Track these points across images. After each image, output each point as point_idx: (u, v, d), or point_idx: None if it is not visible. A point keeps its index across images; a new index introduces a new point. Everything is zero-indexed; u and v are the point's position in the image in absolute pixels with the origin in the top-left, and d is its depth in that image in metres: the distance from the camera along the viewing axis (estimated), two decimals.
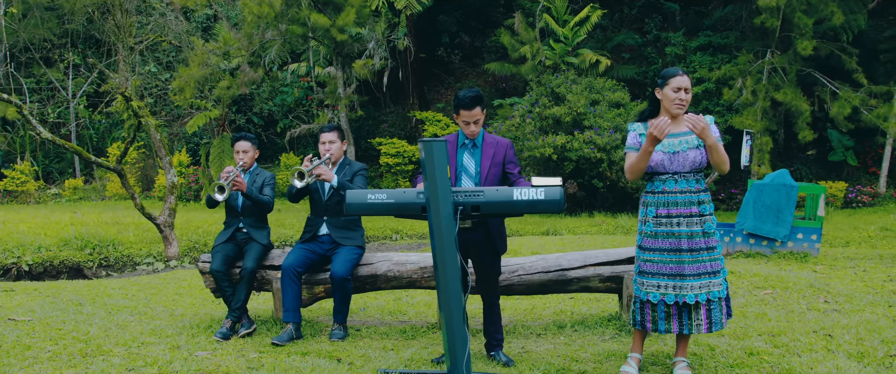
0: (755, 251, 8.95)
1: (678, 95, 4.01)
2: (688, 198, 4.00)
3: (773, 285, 6.83)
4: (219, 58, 17.26)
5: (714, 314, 4.00)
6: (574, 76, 16.74)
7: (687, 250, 3.97)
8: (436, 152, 3.58)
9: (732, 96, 15.09)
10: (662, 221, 4.02)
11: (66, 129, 19.76)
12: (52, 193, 19.11)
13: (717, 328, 4.01)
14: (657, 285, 4.01)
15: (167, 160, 10.38)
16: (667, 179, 4.03)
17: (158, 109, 20.35)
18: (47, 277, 11.45)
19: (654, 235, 4.04)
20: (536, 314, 5.87)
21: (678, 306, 3.99)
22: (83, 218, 15.01)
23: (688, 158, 3.99)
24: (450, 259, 3.72)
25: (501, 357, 4.41)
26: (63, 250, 11.93)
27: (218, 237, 5.45)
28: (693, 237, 3.98)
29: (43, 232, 12.88)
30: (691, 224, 3.98)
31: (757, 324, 5.31)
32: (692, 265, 3.96)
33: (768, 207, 8.86)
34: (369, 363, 4.40)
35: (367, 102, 20.94)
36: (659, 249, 4.02)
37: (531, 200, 3.76)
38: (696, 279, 3.96)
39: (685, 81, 4.01)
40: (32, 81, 19.90)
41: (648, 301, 4.04)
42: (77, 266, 11.81)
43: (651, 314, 4.05)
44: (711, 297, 3.98)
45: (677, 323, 4.01)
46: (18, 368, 4.32)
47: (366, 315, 5.99)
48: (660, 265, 4.01)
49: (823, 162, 17.30)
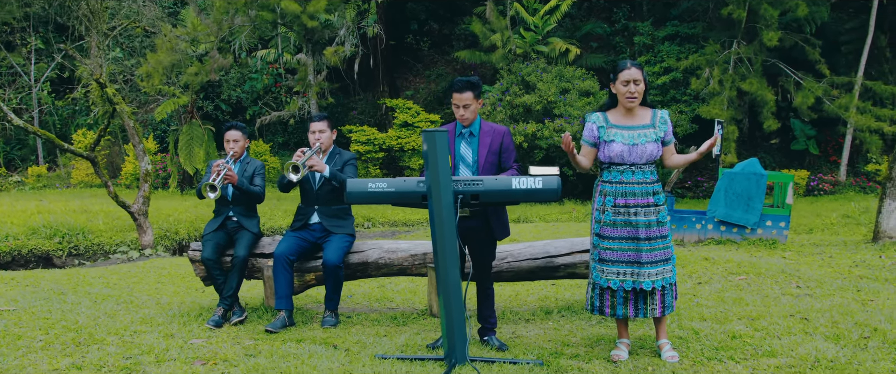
0: (726, 238, 9.20)
1: (627, 88, 4.15)
2: (644, 189, 4.17)
3: (747, 272, 7.05)
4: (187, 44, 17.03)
5: (667, 298, 4.20)
6: (544, 65, 16.89)
7: (644, 239, 4.13)
8: (438, 142, 3.65)
9: (699, 86, 15.37)
10: (621, 210, 4.17)
11: (28, 115, 19.35)
12: (14, 180, 18.74)
13: (669, 312, 4.22)
14: (617, 272, 4.17)
15: (141, 148, 10.27)
16: (624, 169, 4.17)
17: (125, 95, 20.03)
18: (16, 266, 11.27)
19: (613, 223, 4.18)
20: (521, 300, 6.00)
21: (635, 292, 4.16)
22: (50, 206, 14.76)
23: (646, 150, 4.14)
24: (450, 247, 3.80)
25: (494, 342, 4.52)
26: (31, 239, 11.74)
27: (208, 226, 5.46)
28: (650, 226, 4.14)
29: (9, 220, 12.64)
30: (648, 214, 4.15)
31: (736, 308, 5.50)
32: (649, 253, 4.13)
33: (739, 195, 9.10)
34: (365, 350, 4.47)
35: (337, 90, 20.86)
36: (618, 237, 4.17)
37: (529, 188, 3.86)
38: (652, 266, 4.13)
39: (633, 73, 4.14)
40: None
41: (608, 287, 4.19)
42: (46, 255, 11.64)
43: (610, 300, 4.20)
44: (665, 283, 4.16)
45: (633, 308, 4.19)
46: (13, 358, 4.30)
47: (354, 302, 6.05)
48: (619, 253, 4.17)
49: (786, 151, 17.74)
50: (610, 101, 4.33)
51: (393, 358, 4.22)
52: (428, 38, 23.54)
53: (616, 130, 4.20)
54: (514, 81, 16.76)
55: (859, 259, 7.85)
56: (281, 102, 20.35)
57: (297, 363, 4.17)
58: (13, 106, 19.15)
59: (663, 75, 16.82)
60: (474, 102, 4.42)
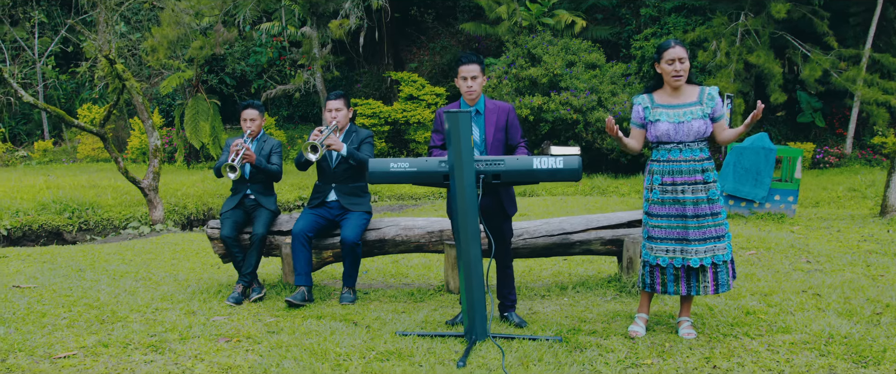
0: (734, 212, 9.25)
1: (673, 67, 4.17)
2: (692, 166, 4.19)
3: (757, 246, 7.11)
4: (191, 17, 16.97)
5: (720, 276, 4.22)
6: (550, 37, 16.83)
7: (692, 216, 4.16)
8: (461, 122, 3.68)
9: (706, 58, 15.33)
10: (668, 188, 4.21)
11: (32, 90, 19.33)
12: (20, 155, 18.78)
13: (724, 290, 4.23)
14: (665, 250, 4.22)
15: (150, 123, 10.29)
16: (671, 148, 4.20)
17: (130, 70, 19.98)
18: (27, 241, 11.36)
19: (660, 202, 4.23)
20: (536, 276, 6.06)
21: (685, 269, 4.20)
22: (58, 181, 14.83)
23: (692, 127, 4.16)
24: (472, 226, 3.85)
25: (514, 318, 4.59)
26: (41, 214, 11.82)
27: (225, 204, 5.51)
28: (698, 204, 4.17)
29: (18, 196, 12.71)
30: (696, 191, 4.17)
31: (748, 284, 5.56)
32: (697, 231, 4.16)
33: (747, 169, 9.13)
34: (386, 327, 4.54)
35: (342, 63, 20.81)
36: (666, 215, 4.21)
37: (551, 168, 3.90)
38: (700, 244, 4.16)
39: (678, 52, 4.15)
40: None
41: (658, 265, 4.24)
42: (57, 230, 11.73)
43: (661, 277, 4.25)
44: (716, 260, 4.19)
45: (685, 285, 4.22)
46: (40, 335, 4.37)
47: (369, 278, 6.12)
48: (667, 230, 4.21)
49: (792, 123, 17.73)
50: (655, 82, 4.34)
51: (414, 335, 4.29)
52: (432, 11, 23.42)
53: (661, 110, 4.22)
54: (519, 53, 16.72)
55: (867, 234, 7.90)
56: (286, 76, 20.31)
57: (319, 339, 4.24)
58: (18, 81, 19.12)
59: None
60: (481, 75, 4.45)
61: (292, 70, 19.80)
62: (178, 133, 17.69)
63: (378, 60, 21.85)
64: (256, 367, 3.84)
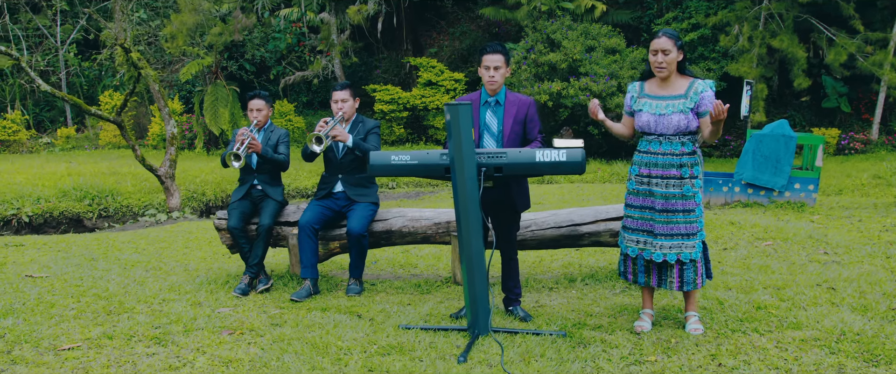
0: (753, 201, 9.10)
1: (656, 58, 4.09)
2: (668, 160, 4.11)
3: (774, 237, 6.98)
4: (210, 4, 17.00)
5: (686, 273, 4.15)
6: (570, 22, 16.64)
7: (660, 211, 4.11)
8: (461, 115, 3.62)
9: (728, 43, 15.07)
10: (643, 179, 4.17)
11: (55, 77, 19.52)
12: (43, 142, 19.00)
13: (689, 288, 4.17)
14: (636, 241, 4.21)
15: (167, 111, 10.33)
16: (653, 139, 4.15)
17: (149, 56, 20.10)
18: (48, 228, 11.50)
19: (635, 192, 4.22)
20: (545, 267, 6.00)
21: (654, 262, 4.15)
22: (79, 168, 14.99)
23: (672, 121, 4.07)
24: (473, 219, 3.80)
25: (519, 312, 4.54)
26: (62, 201, 11.95)
27: (233, 195, 5.50)
28: (668, 199, 4.10)
29: (40, 183, 12.87)
30: (669, 186, 4.10)
31: (761, 277, 5.45)
32: (663, 226, 4.10)
33: (767, 157, 8.97)
34: (390, 319, 4.51)
35: (360, 49, 20.76)
36: (638, 206, 4.20)
37: (553, 161, 3.83)
38: (666, 239, 4.11)
39: (661, 43, 4.06)
40: (19, 27, 19.56)
41: (628, 255, 4.20)
42: (77, 217, 11.85)
43: (632, 267, 4.25)
44: (682, 258, 4.11)
45: (656, 277, 4.21)
46: (47, 326, 4.40)
47: (378, 269, 6.10)
48: (639, 222, 4.21)
49: (817, 109, 17.41)
50: (648, 68, 4.26)
51: (417, 328, 4.26)
52: None
53: (646, 100, 4.16)
54: (538, 38, 16.55)
55: (889, 223, 7.73)
56: (305, 62, 20.30)
57: (322, 332, 4.23)
58: (41, 68, 19.31)
59: (691, 32, 16.49)
60: (504, 65, 4.40)
61: (311, 56, 19.79)
62: (198, 120, 17.78)
63: (397, 46, 21.77)
64: (257, 361, 3.83)
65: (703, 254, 4.22)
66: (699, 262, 4.18)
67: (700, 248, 4.16)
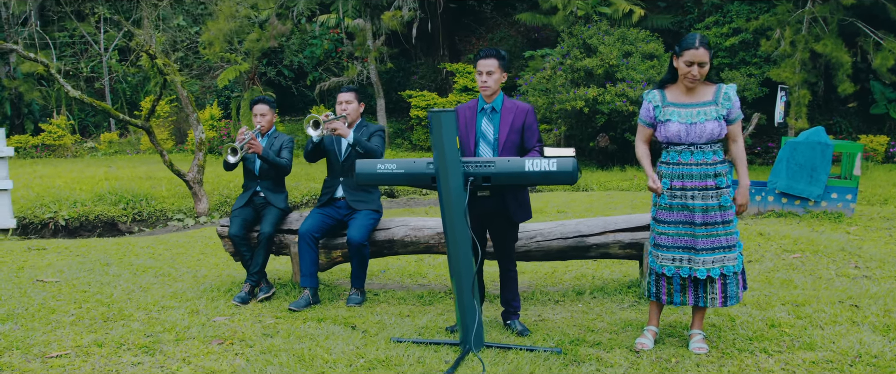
0: (787, 211, 8.76)
1: (690, 69, 3.85)
2: (703, 170, 3.89)
3: (803, 249, 6.68)
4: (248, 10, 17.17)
5: (729, 288, 3.92)
6: (606, 27, 16.36)
7: (701, 224, 3.88)
8: (444, 123, 3.49)
9: (769, 48, 14.61)
10: (677, 193, 3.93)
11: (99, 83, 19.96)
12: (88, 146, 19.42)
13: (733, 302, 3.94)
14: (672, 259, 3.95)
15: (195, 117, 10.41)
16: (682, 150, 3.91)
17: (190, 62, 20.42)
18: (83, 231, 11.69)
19: (668, 208, 3.95)
20: (557, 279, 5.82)
21: (692, 280, 3.92)
22: (117, 172, 15.24)
23: (705, 129, 3.86)
24: (460, 230, 3.66)
25: (517, 326, 4.38)
26: (97, 205, 12.14)
27: (236, 201, 5.46)
28: (708, 211, 3.88)
29: (78, 187, 13.10)
30: (707, 197, 3.88)
31: (781, 292, 5.19)
32: (705, 240, 3.88)
33: (802, 165, 8.62)
34: (383, 331, 4.40)
35: (397, 54, 20.76)
36: (673, 222, 3.94)
37: (543, 171, 3.67)
38: (709, 254, 3.88)
39: (700, 55, 3.81)
40: (65, 35, 20.04)
41: (663, 274, 3.98)
42: (112, 221, 12.02)
43: (667, 287, 3.99)
44: (726, 271, 3.89)
45: (693, 296, 3.95)
46: (41, 332, 4.40)
47: (386, 277, 5.99)
48: (675, 238, 3.94)
49: (865, 115, 16.78)
50: (669, 75, 4.03)
51: (408, 342, 4.13)
52: (491, 1, 23.11)
53: (672, 109, 3.94)
54: (575, 43, 16.31)
55: None
56: (342, 68, 20.37)
57: (311, 344, 4.13)
58: (86, 75, 19.77)
59: (732, 36, 16.06)
60: (499, 71, 4.26)
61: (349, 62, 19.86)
62: (235, 125, 17.96)
63: (434, 52, 21.72)
64: (239, 372, 3.75)
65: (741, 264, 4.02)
66: (740, 274, 3.98)
67: (741, 259, 3.97)
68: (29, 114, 19.97)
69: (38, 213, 11.67)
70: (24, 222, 11.42)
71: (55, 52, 19.77)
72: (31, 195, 12.27)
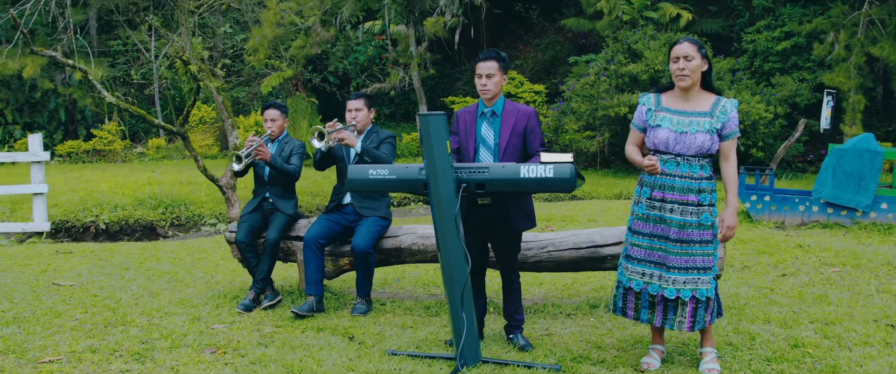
0: (833, 222, 8.32)
1: (677, 65, 3.65)
2: (686, 184, 3.65)
3: (844, 262, 6.30)
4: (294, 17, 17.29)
5: (699, 312, 3.66)
6: (653, 32, 15.97)
7: (675, 240, 3.63)
8: (432, 126, 3.33)
9: (823, 52, 14.03)
10: (656, 204, 3.70)
11: (149, 90, 20.37)
12: (137, 151, 19.81)
13: (700, 327, 3.68)
14: (642, 273, 3.72)
15: (229, 122, 10.46)
16: (668, 159, 3.68)
17: (237, 69, 20.69)
18: (123, 235, 11.86)
19: (645, 218, 3.73)
20: (575, 291, 5.58)
21: (661, 298, 3.67)
22: (160, 178, 15.47)
23: (695, 141, 3.62)
24: (452, 241, 3.49)
25: (519, 341, 4.17)
26: (137, 210, 12.31)
27: (245, 207, 5.39)
28: (684, 228, 3.63)
29: (120, 191, 13.32)
30: (685, 213, 3.64)
31: (812, 309, 4.86)
32: (678, 257, 3.63)
33: (849, 174, 8.18)
34: (381, 343, 4.24)
35: (441, 60, 20.67)
36: (648, 234, 3.72)
37: (539, 177, 3.48)
38: (680, 273, 3.63)
39: (684, 49, 3.63)
40: (119, 43, 20.52)
41: (631, 288, 3.74)
42: (150, 225, 12.18)
43: (634, 302, 3.76)
44: (698, 295, 3.62)
45: (661, 316, 3.70)
46: (41, 337, 4.38)
47: (399, 287, 5.84)
48: (647, 251, 3.72)
49: None
50: (669, 82, 3.84)
51: (403, 355, 3.97)
52: (537, 6, 22.84)
53: (665, 114, 3.71)
54: (619, 49, 15.95)
55: None
56: (387, 74, 20.38)
57: (304, 355, 4.01)
58: (138, 81, 20.21)
59: (784, 40, 15.48)
60: (499, 73, 4.09)
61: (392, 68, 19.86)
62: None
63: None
64: None
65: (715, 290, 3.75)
66: (713, 300, 3.71)
67: (714, 284, 3.70)
68: (82, 120, 20.49)
69: (80, 216, 11.89)
70: (67, 225, 11.65)
71: (108, 60, 20.25)
72: (74, 199, 12.52)
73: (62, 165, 18.42)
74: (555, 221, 8.52)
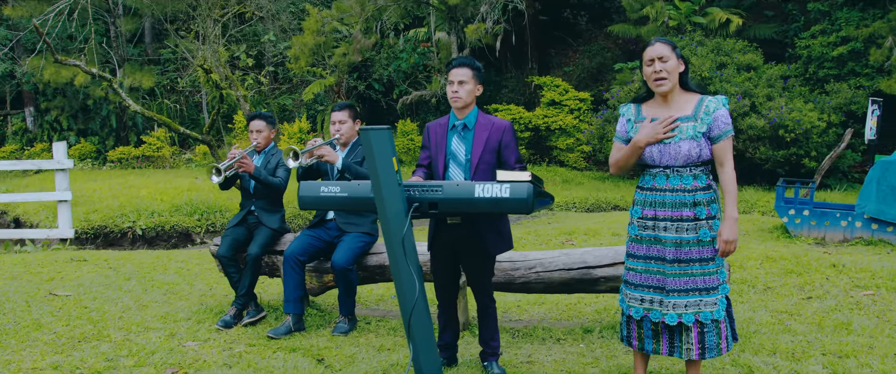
0: (878, 238, 7.76)
1: (652, 68, 3.33)
2: (679, 198, 3.30)
3: (880, 285, 5.81)
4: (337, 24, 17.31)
5: (708, 338, 3.29)
6: (700, 37, 15.40)
7: (672, 261, 3.29)
8: (374, 142, 3.10)
9: (880, 57, 13.27)
10: (648, 223, 3.36)
11: (197, 97, 20.71)
12: (185, 157, 20.14)
13: (712, 355, 3.32)
14: (640, 299, 3.39)
15: None
16: (657, 173, 3.34)
17: (282, 76, 20.85)
18: (160, 241, 11.97)
19: (638, 239, 3.40)
20: (576, 312, 5.26)
21: (664, 326, 3.33)
22: (201, 184, 15.65)
23: (680, 150, 3.28)
24: (402, 265, 3.25)
25: (494, 369, 3.90)
26: (174, 216, 12.42)
27: (231, 220, 5.25)
28: (681, 246, 3.28)
29: (159, 197, 13.47)
30: (681, 230, 3.29)
31: (828, 339, 4.44)
32: (676, 279, 3.28)
33: (894, 187, 7.62)
34: (351, 366, 4.03)
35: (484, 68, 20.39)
36: (643, 256, 3.38)
37: (494, 197, 3.21)
38: (680, 296, 3.28)
39: (657, 50, 3.32)
40: (169, 51, 20.93)
41: (632, 316, 3.42)
42: (186, 232, 12.26)
43: (637, 331, 3.42)
44: (702, 319, 3.27)
45: (667, 344, 3.36)
46: (10, 351, 4.32)
47: (393, 304, 5.61)
48: (644, 276, 3.38)
49: None
50: (647, 89, 3.52)
51: None
52: (586, 12, 22.39)
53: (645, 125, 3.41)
54: None
55: None
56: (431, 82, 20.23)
57: None
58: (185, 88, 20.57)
59: (840, 46, 14.72)
60: (472, 82, 3.84)
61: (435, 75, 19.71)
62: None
63: (523, 65, 21.24)
64: None
65: (726, 312, 3.41)
66: (723, 322, 3.36)
67: (723, 305, 3.35)
68: (133, 126, 20.95)
69: (118, 222, 12.05)
70: (105, 230, 11.82)
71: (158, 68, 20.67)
72: (114, 205, 12.72)
73: (112, 171, 18.86)
74: (577, 234, 8.17)
